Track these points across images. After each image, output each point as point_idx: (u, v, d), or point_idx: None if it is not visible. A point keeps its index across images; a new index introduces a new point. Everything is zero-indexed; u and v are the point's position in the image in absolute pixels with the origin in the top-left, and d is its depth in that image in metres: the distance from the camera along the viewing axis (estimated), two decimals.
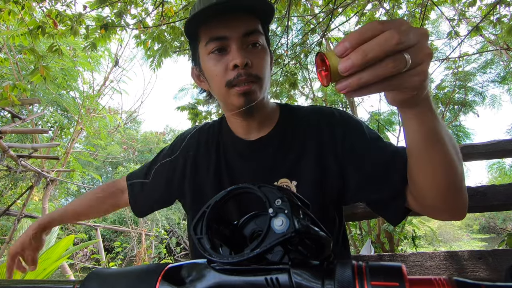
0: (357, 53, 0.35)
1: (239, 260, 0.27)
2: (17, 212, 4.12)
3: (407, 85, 0.39)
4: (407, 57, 0.36)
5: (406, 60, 0.36)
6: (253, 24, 0.68)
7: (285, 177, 0.73)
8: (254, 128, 0.78)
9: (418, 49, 0.37)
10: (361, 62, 0.34)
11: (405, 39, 0.35)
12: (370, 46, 0.35)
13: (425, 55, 0.38)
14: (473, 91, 7.19)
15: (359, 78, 0.36)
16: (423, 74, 0.38)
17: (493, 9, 3.20)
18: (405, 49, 0.36)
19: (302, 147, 0.75)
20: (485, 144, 1.26)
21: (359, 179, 0.69)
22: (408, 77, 0.38)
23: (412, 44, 0.36)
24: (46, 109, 7.05)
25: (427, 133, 0.50)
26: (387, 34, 0.35)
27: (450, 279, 0.23)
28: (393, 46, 0.35)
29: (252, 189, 0.32)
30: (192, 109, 4.16)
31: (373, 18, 4.23)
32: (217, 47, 0.68)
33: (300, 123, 0.78)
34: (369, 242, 3.47)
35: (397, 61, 0.35)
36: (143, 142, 16.50)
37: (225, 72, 0.68)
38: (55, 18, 2.54)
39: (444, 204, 0.60)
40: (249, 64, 0.66)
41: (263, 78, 0.69)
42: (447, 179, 0.55)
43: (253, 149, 0.78)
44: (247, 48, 0.68)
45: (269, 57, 0.74)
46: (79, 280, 0.32)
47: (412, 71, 0.38)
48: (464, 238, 12.69)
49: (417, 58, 0.37)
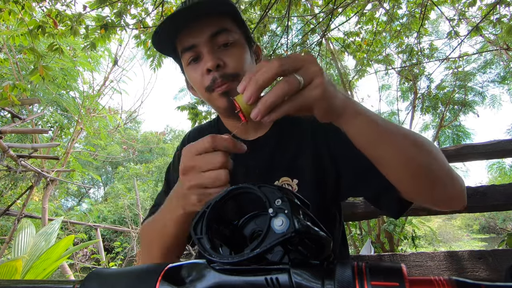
0: (250, 84, 0.43)
1: (239, 260, 0.27)
2: (17, 212, 4.12)
3: (311, 99, 0.45)
4: (298, 77, 0.43)
5: (298, 79, 0.43)
6: (219, 24, 0.68)
7: (286, 175, 0.73)
8: (251, 128, 0.79)
9: (306, 68, 0.44)
10: (256, 88, 0.42)
11: (286, 63, 0.43)
12: (257, 76, 0.43)
13: (314, 71, 0.44)
14: (473, 91, 7.20)
15: (264, 102, 0.43)
16: (320, 86, 0.44)
17: (493, 9, 3.19)
18: (292, 72, 0.43)
19: (299, 146, 0.75)
20: (485, 144, 1.26)
21: (352, 176, 0.71)
22: (308, 91, 0.44)
23: (298, 66, 0.44)
24: (46, 109, 7.05)
25: (365, 136, 0.53)
26: (269, 64, 0.43)
27: (450, 279, 0.23)
28: (276, 69, 0.42)
29: (252, 189, 0.32)
30: (192, 109, 4.16)
31: (373, 18, 4.23)
32: (192, 57, 0.70)
33: (296, 122, 0.79)
34: (369, 242, 3.47)
35: (289, 81, 0.42)
36: (143, 142, 16.51)
37: (202, 78, 0.69)
38: (55, 18, 2.54)
39: (424, 195, 0.61)
40: (222, 64, 0.67)
41: (241, 74, 0.69)
42: (408, 172, 0.57)
43: (252, 149, 0.78)
44: (218, 49, 0.69)
45: (247, 51, 0.73)
46: (79, 280, 0.32)
47: (310, 86, 0.44)
48: (464, 238, 12.68)
49: (308, 74, 0.44)
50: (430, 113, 7.18)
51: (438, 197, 0.62)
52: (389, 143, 0.54)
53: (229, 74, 0.67)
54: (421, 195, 0.61)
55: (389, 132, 0.54)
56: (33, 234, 2.86)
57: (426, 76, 6.38)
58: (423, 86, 6.72)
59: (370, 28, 4.43)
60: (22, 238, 2.73)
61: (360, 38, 4.37)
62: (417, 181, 0.58)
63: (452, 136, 7.20)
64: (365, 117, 0.51)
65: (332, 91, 0.46)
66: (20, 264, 1.95)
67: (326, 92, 0.45)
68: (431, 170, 0.57)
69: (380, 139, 0.53)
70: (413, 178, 0.57)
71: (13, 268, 1.88)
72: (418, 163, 0.56)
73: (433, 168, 0.57)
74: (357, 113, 0.50)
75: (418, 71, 5.94)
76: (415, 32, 4.26)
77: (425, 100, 6.67)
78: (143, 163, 15.24)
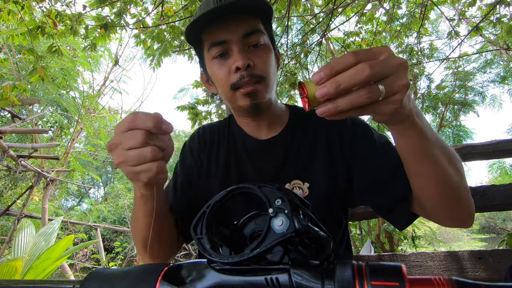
0: (331, 83, 0.38)
1: (239, 260, 0.27)
2: (17, 212, 4.12)
3: (382, 112, 0.41)
4: (381, 88, 0.38)
5: (380, 91, 0.38)
6: (252, 25, 0.69)
7: (298, 178, 0.72)
8: (264, 128, 0.78)
9: (394, 79, 0.39)
10: (334, 91, 0.38)
11: (378, 71, 0.37)
12: (342, 78, 0.37)
13: (401, 85, 0.39)
14: (473, 91, 7.20)
15: (335, 105, 0.39)
16: (397, 102, 0.40)
17: (493, 9, 3.19)
18: (379, 80, 0.38)
19: (312, 149, 0.75)
20: (485, 144, 1.26)
21: (366, 183, 0.69)
22: (383, 105, 0.40)
23: (387, 74, 0.38)
24: (46, 109, 7.05)
25: (412, 149, 0.52)
26: (359, 67, 0.37)
27: (450, 279, 0.23)
28: (364, 78, 0.37)
29: (252, 189, 0.32)
30: (192, 109, 4.15)
31: (373, 18, 4.23)
32: (219, 52, 0.69)
33: (311, 125, 0.78)
34: (369, 242, 3.47)
35: (371, 92, 0.38)
36: None
37: (228, 75, 0.68)
38: (54, 18, 2.54)
39: (444, 212, 0.60)
40: (251, 65, 0.67)
41: (267, 77, 0.69)
42: (441, 191, 0.56)
43: (264, 148, 0.77)
44: (248, 49, 0.68)
45: (273, 55, 0.73)
46: (79, 280, 0.31)
47: (387, 100, 0.40)
48: (464, 238, 12.68)
49: (393, 88, 0.39)
50: (430, 113, 7.19)
51: (456, 216, 0.62)
52: (431, 159, 0.53)
53: (258, 75, 0.67)
54: (443, 213, 0.61)
55: (434, 149, 0.53)
56: (33, 234, 2.85)
57: (426, 76, 6.38)
58: (423, 86, 6.73)
59: (370, 28, 4.43)
60: (22, 238, 2.73)
61: (360, 38, 4.37)
62: (447, 200, 0.58)
63: (453, 136, 7.20)
64: (422, 130, 0.49)
65: (406, 105, 0.43)
66: (20, 264, 1.95)
67: (400, 108, 0.41)
68: (458, 192, 0.58)
69: (425, 155, 0.52)
70: (443, 197, 0.57)
71: (13, 268, 1.88)
72: (451, 184, 0.56)
73: (459, 190, 0.58)
74: (415, 125, 0.48)
75: (418, 71, 5.94)
76: (415, 32, 4.26)
77: (425, 100, 6.67)
78: None
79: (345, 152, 0.72)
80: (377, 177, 0.68)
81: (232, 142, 0.81)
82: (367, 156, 0.70)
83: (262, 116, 0.76)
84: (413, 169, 0.56)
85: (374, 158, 0.69)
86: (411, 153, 0.53)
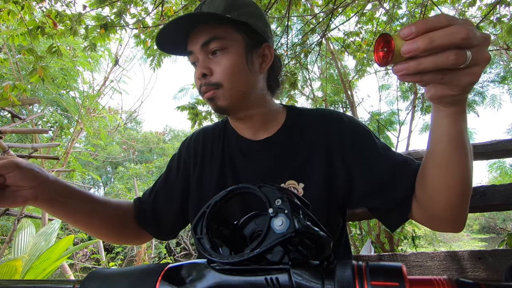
0: (424, 38, 0.36)
1: (239, 260, 0.27)
2: (17, 212, 4.12)
3: (458, 83, 0.41)
4: (469, 54, 0.37)
5: (467, 57, 0.37)
6: (213, 32, 0.69)
7: (292, 178, 0.73)
8: (258, 129, 0.78)
9: (479, 50, 0.39)
10: (426, 47, 0.36)
11: (472, 37, 0.37)
12: (437, 34, 0.36)
13: (483, 58, 0.39)
14: (473, 91, 7.20)
15: (418, 63, 0.37)
16: (475, 76, 0.40)
17: (493, 9, 3.20)
18: (468, 47, 0.38)
19: (310, 149, 0.75)
20: (485, 144, 1.26)
21: (365, 186, 0.70)
22: (462, 75, 0.40)
23: (475, 44, 0.38)
24: (46, 109, 7.05)
25: (455, 135, 0.52)
26: (456, 28, 0.36)
27: (450, 279, 0.23)
28: (459, 40, 0.36)
29: (252, 189, 0.32)
30: (192, 109, 4.15)
31: (373, 18, 4.23)
32: (192, 61, 0.74)
33: (308, 126, 0.78)
34: (369, 242, 3.47)
35: (459, 55, 0.37)
36: (143, 142, 16.51)
37: (197, 82, 0.73)
38: (54, 18, 2.54)
39: (451, 212, 0.61)
40: (208, 73, 0.70)
41: (224, 83, 0.70)
42: (462, 185, 0.57)
43: (258, 149, 0.78)
44: (211, 56, 0.71)
45: (239, 57, 0.71)
46: (79, 280, 0.31)
47: (468, 70, 0.40)
48: (464, 238, 12.68)
49: (476, 59, 0.39)
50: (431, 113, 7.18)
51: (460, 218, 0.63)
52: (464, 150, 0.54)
53: (213, 83, 0.70)
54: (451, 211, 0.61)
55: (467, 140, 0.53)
56: (33, 234, 2.85)
57: None
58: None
59: (370, 28, 4.43)
60: (22, 238, 2.73)
61: (360, 38, 4.37)
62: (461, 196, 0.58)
63: None
64: (466, 117, 0.50)
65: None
66: (20, 264, 1.95)
67: (475, 82, 0.41)
68: (470, 190, 0.59)
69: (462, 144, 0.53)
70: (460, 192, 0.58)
71: (13, 268, 1.88)
72: (470, 179, 0.57)
73: (471, 188, 0.59)
74: (465, 110, 0.49)
75: None
76: None
77: (425, 100, 6.67)
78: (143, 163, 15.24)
79: (345, 153, 0.72)
80: (377, 180, 0.68)
81: (227, 143, 0.82)
82: (368, 157, 0.70)
83: (243, 119, 0.77)
84: (448, 159, 0.55)
85: (375, 160, 0.69)
86: (453, 140, 0.52)
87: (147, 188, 0.91)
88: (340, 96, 7.12)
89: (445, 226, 0.66)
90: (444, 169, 0.56)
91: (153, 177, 13.52)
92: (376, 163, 0.69)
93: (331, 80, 6.64)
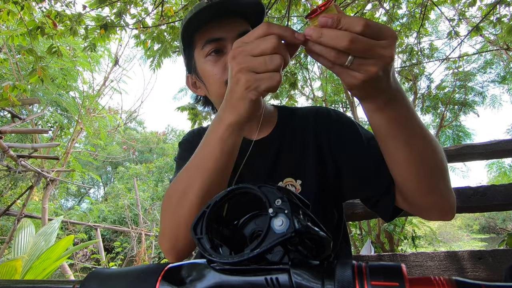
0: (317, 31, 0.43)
1: (239, 260, 0.27)
2: (17, 212, 4.12)
3: (344, 79, 0.46)
4: (350, 59, 0.43)
5: (347, 61, 0.43)
6: (245, 26, 0.72)
7: (290, 176, 0.74)
8: (255, 129, 0.80)
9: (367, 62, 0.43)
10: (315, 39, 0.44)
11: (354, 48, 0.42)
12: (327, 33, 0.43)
13: (389, 35, 0.43)
14: (473, 91, 7.20)
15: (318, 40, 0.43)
16: (390, 49, 0.43)
17: (493, 9, 3.20)
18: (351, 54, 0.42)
19: (302, 147, 0.77)
20: (485, 144, 1.26)
21: (354, 177, 0.72)
22: (345, 74, 0.45)
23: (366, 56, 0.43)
24: (46, 109, 7.05)
25: (388, 124, 0.53)
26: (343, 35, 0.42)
27: (450, 279, 0.23)
28: (338, 46, 0.42)
29: (252, 189, 0.32)
30: (192, 109, 4.16)
31: (373, 18, 4.23)
32: (214, 49, 0.71)
33: (299, 124, 0.80)
34: (369, 242, 3.47)
35: (338, 57, 0.43)
36: (143, 142, 16.51)
37: (223, 71, 0.70)
38: (54, 19, 2.54)
39: (422, 199, 0.61)
40: None
41: None
42: (419, 175, 0.57)
43: (256, 149, 0.78)
44: None
45: None
46: (79, 280, 0.31)
47: (351, 73, 0.45)
48: (464, 238, 12.69)
49: (359, 68, 0.44)
50: (431, 113, 7.19)
51: (436, 205, 0.63)
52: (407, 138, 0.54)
53: None
54: (421, 199, 0.62)
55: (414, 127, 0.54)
56: (33, 234, 2.86)
57: (426, 76, 6.39)
58: (423, 86, 6.73)
59: None
60: (22, 238, 2.73)
61: None
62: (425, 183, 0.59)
63: (453, 136, 7.20)
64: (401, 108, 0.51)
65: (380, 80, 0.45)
66: (20, 264, 1.95)
67: (390, 66, 0.44)
68: (438, 176, 0.59)
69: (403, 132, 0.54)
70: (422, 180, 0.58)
71: (13, 268, 1.88)
72: (429, 164, 0.57)
73: (438, 176, 0.59)
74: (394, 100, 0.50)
75: (418, 71, 5.94)
76: (415, 32, 4.26)
77: (425, 100, 6.68)
78: (143, 163, 15.24)
79: (333, 148, 0.75)
80: (364, 171, 0.70)
81: None
82: (353, 150, 0.73)
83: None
84: (389, 150, 0.57)
85: (361, 152, 0.72)
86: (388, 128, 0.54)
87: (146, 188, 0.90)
88: (340, 96, 7.12)
89: (430, 214, 0.66)
90: (394, 160, 0.59)
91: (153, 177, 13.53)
92: (362, 156, 0.71)
93: (331, 80, 6.65)
